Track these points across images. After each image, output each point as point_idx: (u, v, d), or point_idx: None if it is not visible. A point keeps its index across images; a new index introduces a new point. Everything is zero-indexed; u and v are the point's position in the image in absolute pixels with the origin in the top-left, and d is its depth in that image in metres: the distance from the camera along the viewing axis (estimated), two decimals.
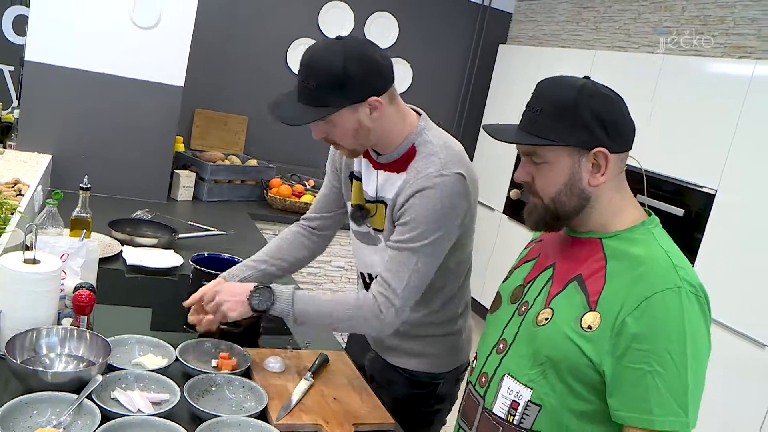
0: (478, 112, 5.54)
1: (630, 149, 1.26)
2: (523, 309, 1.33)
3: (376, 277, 1.69)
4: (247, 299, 1.65)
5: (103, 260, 2.32)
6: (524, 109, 1.27)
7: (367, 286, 1.85)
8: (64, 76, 3.00)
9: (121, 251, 2.40)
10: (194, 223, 2.95)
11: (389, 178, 1.68)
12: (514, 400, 1.28)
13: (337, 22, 5.02)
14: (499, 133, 1.28)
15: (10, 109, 3.38)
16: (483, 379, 1.36)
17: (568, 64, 4.46)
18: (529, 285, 1.36)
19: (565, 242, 1.34)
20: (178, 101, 3.21)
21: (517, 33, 5.47)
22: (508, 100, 5.18)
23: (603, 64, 4.22)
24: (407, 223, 1.59)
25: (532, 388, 1.25)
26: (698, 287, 1.18)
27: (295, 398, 1.60)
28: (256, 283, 1.68)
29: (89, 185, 2.17)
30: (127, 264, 2.32)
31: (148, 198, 3.23)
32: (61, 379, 1.43)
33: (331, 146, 1.74)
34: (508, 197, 5.04)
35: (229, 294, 1.68)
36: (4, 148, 3.11)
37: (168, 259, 2.40)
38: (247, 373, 1.68)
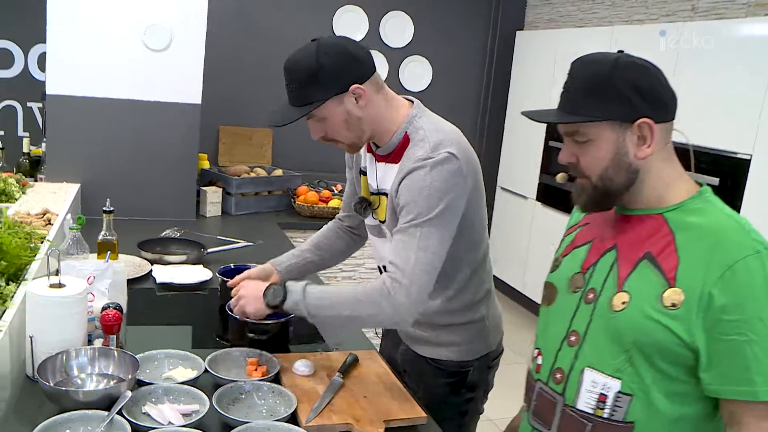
0: (501, 101, 5.50)
1: (674, 118, 1.23)
2: (590, 297, 1.27)
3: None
4: (263, 296, 1.71)
5: (133, 281, 2.36)
6: (561, 91, 1.25)
7: None
8: (85, 106, 3.06)
9: (151, 270, 2.44)
10: (222, 237, 2.98)
11: (388, 170, 1.72)
12: (601, 393, 1.22)
13: (351, 25, 5.03)
14: (538, 115, 1.28)
15: (40, 144, 3.46)
16: (558, 376, 1.29)
17: (587, 43, 4.39)
18: (590, 271, 1.30)
19: (620, 222, 1.29)
20: (197, 119, 3.25)
21: (534, 18, 5.41)
22: (530, 86, 5.12)
23: (622, 39, 4.14)
24: (404, 206, 1.62)
25: (619, 378, 1.20)
26: None
27: (324, 399, 1.60)
28: (271, 282, 1.75)
29: (112, 208, 2.21)
30: (157, 282, 2.36)
31: (177, 217, 3.28)
32: (92, 397, 1.46)
33: None
34: (539, 184, 4.98)
35: (247, 291, 1.76)
36: (35, 181, 3.19)
37: (197, 274, 2.43)
38: (276, 379, 1.69)
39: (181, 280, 2.37)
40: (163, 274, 2.40)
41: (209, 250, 2.72)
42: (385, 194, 1.73)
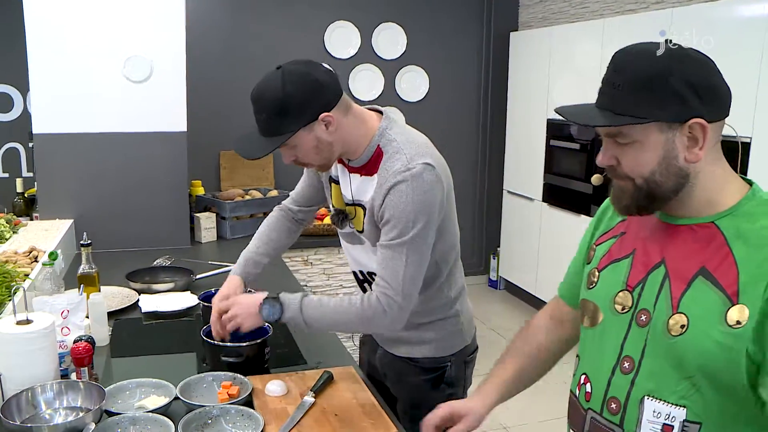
0: (501, 103, 5.46)
1: (728, 115, 1.12)
2: (643, 319, 1.16)
3: (370, 275, 1.82)
4: (258, 311, 1.72)
5: (121, 311, 2.38)
6: (601, 86, 1.14)
7: (360, 283, 1.93)
8: (72, 142, 3.11)
9: (138, 300, 2.45)
10: (214, 262, 2.98)
11: (363, 182, 1.74)
12: (665, 424, 1.12)
13: (343, 41, 5.05)
14: (578, 117, 1.17)
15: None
16: (613, 405, 1.19)
17: (581, 39, 4.35)
18: (638, 289, 1.19)
19: (667, 232, 1.18)
20: (184, 146, 3.27)
21: (527, 18, 5.38)
22: (529, 86, 5.09)
23: (613, 31, 4.10)
24: (388, 221, 1.64)
25: (685, 406, 1.10)
26: None
27: (293, 419, 1.58)
28: (266, 295, 1.74)
29: (90, 241, 2.23)
30: (143, 311, 2.36)
31: (172, 245, 3.30)
32: (56, 431, 1.46)
33: None
34: (544, 184, 4.93)
35: (241, 308, 1.76)
36: (31, 219, 3.23)
37: (183, 300, 2.44)
38: (249, 401, 1.68)
39: (166, 307, 2.37)
40: (149, 303, 2.40)
41: (198, 276, 2.73)
42: (361, 205, 1.75)
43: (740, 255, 1.06)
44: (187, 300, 2.44)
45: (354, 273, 1.95)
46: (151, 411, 1.59)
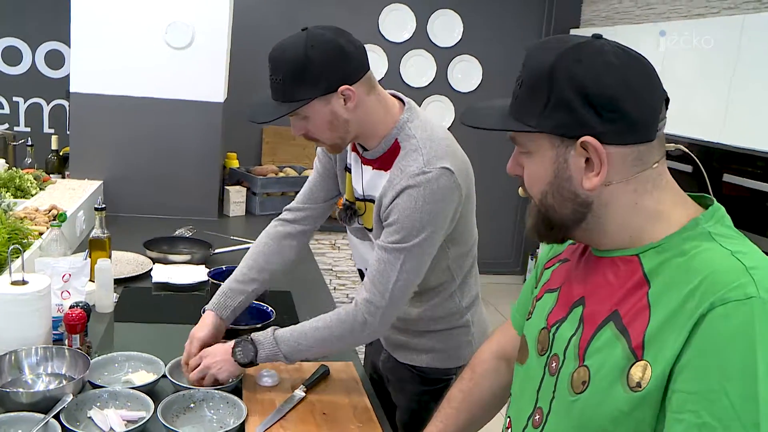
0: None
1: (650, 139, 0.90)
2: (553, 366, 1.00)
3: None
4: (232, 356, 1.57)
5: (132, 279, 2.34)
6: None
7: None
8: (108, 104, 3.09)
9: (151, 269, 2.41)
10: (236, 237, 2.94)
11: (375, 176, 1.61)
12: None
13: (398, 25, 4.94)
14: (471, 115, 1.02)
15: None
16: None
17: (643, 41, 4.14)
18: (554, 329, 1.02)
19: (590, 266, 1.01)
20: (219, 117, 3.23)
21: (590, 15, 5.17)
22: None
23: (678, 35, 3.89)
24: (392, 224, 1.51)
25: None
26: None
27: (278, 413, 1.51)
28: (236, 339, 1.60)
29: (104, 206, 2.19)
30: (154, 281, 2.33)
31: (200, 215, 3.27)
32: (35, 398, 1.43)
33: None
34: None
35: (214, 358, 1.59)
36: (63, 178, 3.23)
37: (195, 274, 2.39)
38: (238, 389, 1.61)
39: (178, 280, 2.33)
40: (161, 273, 2.37)
41: (216, 251, 2.68)
42: (372, 201, 1.62)
43: (656, 296, 0.87)
44: (200, 274, 2.39)
45: (359, 270, 1.85)
46: (136, 387, 1.53)
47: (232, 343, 1.59)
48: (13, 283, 1.63)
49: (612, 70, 0.87)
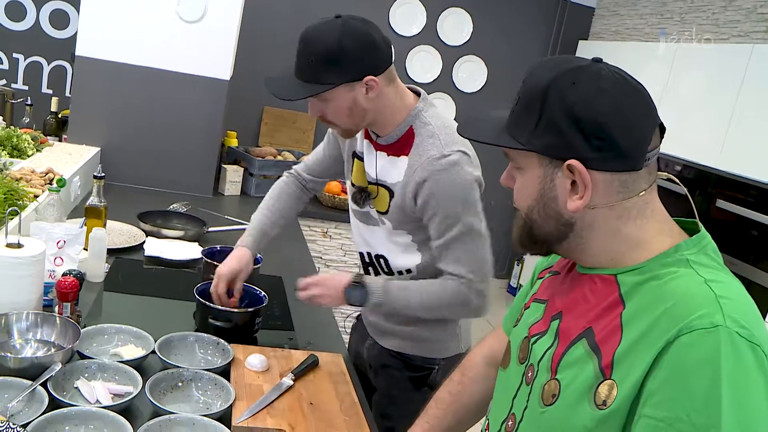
0: None
1: (638, 168, 0.90)
2: (529, 375, 1.02)
3: (377, 259, 1.77)
4: (342, 293, 1.65)
5: (124, 250, 2.33)
6: None
7: (366, 265, 1.85)
8: (113, 70, 3.06)
9: (144, 242, 2.39)
10: (230, 218, 2.93)
11: (389, 162, 1.68)
12: None
13: (407, 19, 4.92)
14: (469, 125, 1.05)
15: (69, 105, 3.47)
16: None
17: (649, 59, 4.16)
18: (534, 340, 1.04)
19: (572, 281, 1.03)
20: (224, 95, 3.20)
21: (600, 29, 5.17)
22: None
23: (686, 58, 3.90)
24: (435, 215, 1.59)
25: None
26: (754, 330, 0.81)
27: (265, 400, 1.51)
28: (351, 277, 1.66)
29: (103, 174, 2.18)
30: (146, 255, 2.31)
31: (194, 192, 3.25)
32: (22, 364, 1.41)
33: None
34: None
35: (324, 290, 1.68)
36: (60, 141, 3.20)
37: (188, 251, 2.38)
38: (226, 371, 1.60)
39: (170, 255, 2.31)
40: (154, 247, 2.35)
41: (210, 229, 2.67)
42: (385, 186, 1.69)
43: (629, 318, 0.88)
44: (192, 251, 2.38)
45: (360, 254, 1.87)
46: (125, 361, 1.52)
47: (345, 281, 1.65)
48: (8, 245, 1.61)
49: (605, 97, 0.88)
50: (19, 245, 1.62)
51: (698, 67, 3.75)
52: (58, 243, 1.82)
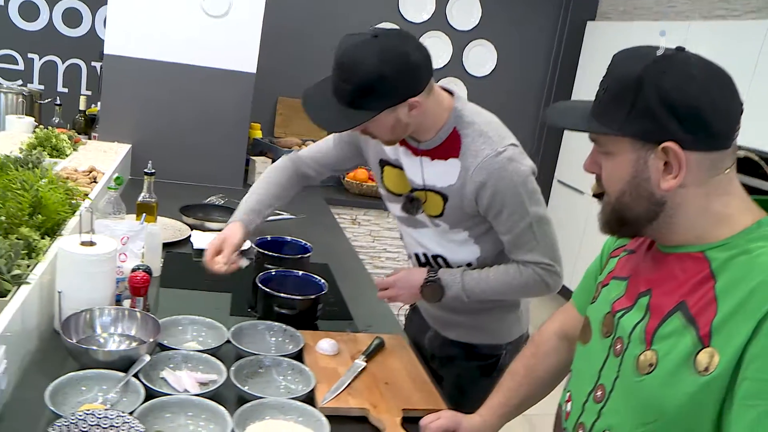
0: (566, 92, 5.32)
1: (726, 147, 0.97)
2: (618, 348, 1.08)
3: (435, 259, 1.78)
4: (419, 291, 1.72)
5: (172, 244, 2.37)
6: None
7: (421, 266, 1.84)
8: (141, 67, 3.09)
9: (190, 236, 2.44)
10: None
11: (437, 166, 1.66)
12: None
13: (417, 5, 4.94)
14: (555, 113, 1.12)
15: (97, 103, 3.50)
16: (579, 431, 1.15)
17: (659, 38, 4.19)
18: (620, 315, 1.10)
19: (657, 261, 1.08)
20: (251, 88, 3.25)
21: (607, 8, 5.21)
22: (597, 78, 4.89)
23: (697, 36, 3.95)
24: (501, 212, 1.61)
25: None
26: None
27: (344, 381, 1.56)
28: (426, 275, 1.72)
29: (153, 170, 2.22)
30: (194, 248, 2.35)
31: (225, 184, 3.29)
32: (111, 357, 1.45)
33: None
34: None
35: (401, 290, 1.75)
36: (89, 138, 3.23)
37: None
38: (299, 356, 1.66)
39: None
40: (201, 240, 2.39)
41: None
42: (435, 191, 1.68)
43: (723, 290, 0.94)
44: None
45: (416, 255, 1.87)
46: (204, 350, 1.57)
47: (421, 279, 1.71)
48: (83, 243, 1.65)
49: (696, 83, 0.94)
50: (91, 243, 1.66)
51: (712, 46, 3.80)
52: (122, 239, 1.86)
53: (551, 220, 1.67)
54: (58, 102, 3.33)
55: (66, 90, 4.51)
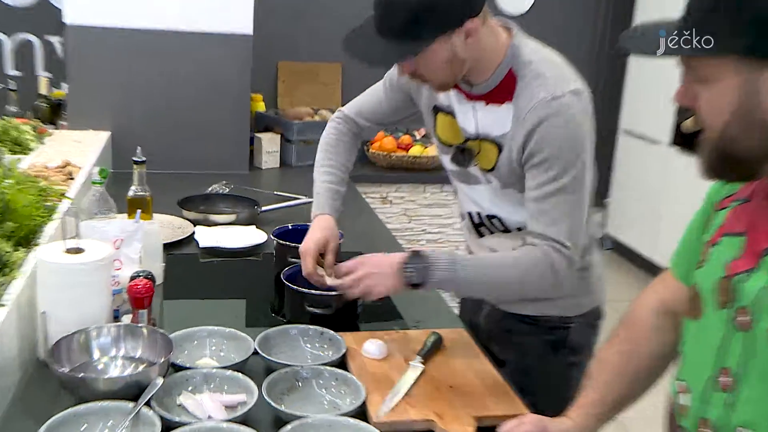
0: (625, 24, 5.22)
1: None
2: (743, 320, 1.04)
3: (489, 219, 1.82)
4: (398, 271, 1.60)
5: (172, 245, 2.35)
6: None
7: (475, 226, 1.89)
8: (114, 39, 3.08)
9: (194, 233, 2.43)
10: (281, 193, 2.96)
11: (491, 112, 1.70)
12: None
13: None
14: (632, 40, 1.10)
15: (61, 86, 3.47)
16: (705, 430, 1.11)
17: None
18: (740, 279, 1.05)
19: None
20: (249, 53, 3.23)
21: None
22: (663, 7, 4.84)
23: None
24: (541, 163, 1.61)
25: None
26: None
27: (400, 389, 1.53)
28: (407, 253, 1.64)
29: (144, 158, 2.19)
30: (201, 247, 2.35)
31: (227, 169, 3.28)
32: (115, 385, 1.43)
33: None
34: (676, 124, 4.73)
35: (371, 268, 1.64)
36: (56, 128, 3.22)
37: (249, 236, 2.42)
38: (341, 363, 1.63)
39: (229, 244, 2.35)
40: (208, 237, 2.39)
41: (264, 209, 2.70)
42: (489, 140, 1.71)
43: None
44: (252, 236, 2.42)
45: (469, 214, 1.90)
46: (227, 367, 1.54)
47: (397, 256, 1.62)
48: (68, 250, 1.62)
49: None
50: (78, 250, 1.63)
51: None
52: (114, 243, 1.83)
53: (586, 199, 1.64)
54: (12, 87, 3.30)
55: (21, 73, 4.45)
